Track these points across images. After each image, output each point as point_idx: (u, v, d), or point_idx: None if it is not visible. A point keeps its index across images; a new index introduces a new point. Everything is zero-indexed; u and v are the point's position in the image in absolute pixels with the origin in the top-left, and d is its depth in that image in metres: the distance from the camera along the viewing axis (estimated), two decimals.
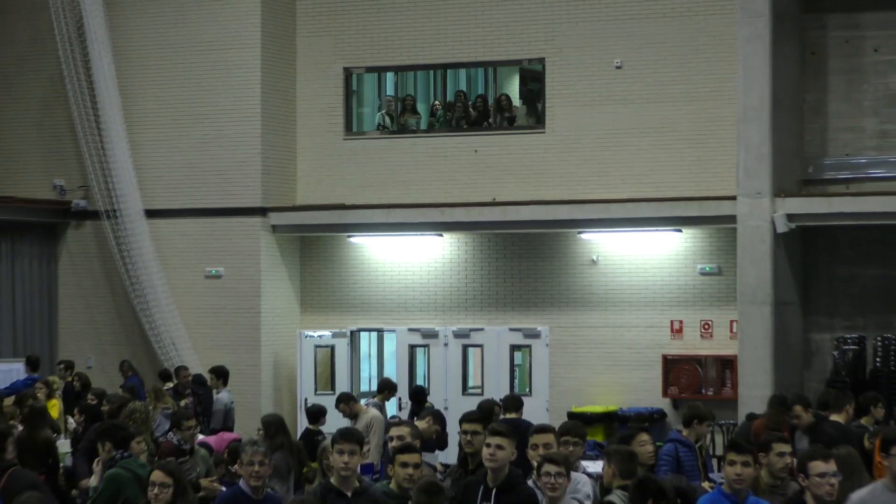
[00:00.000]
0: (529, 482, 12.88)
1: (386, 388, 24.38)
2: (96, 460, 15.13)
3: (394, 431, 14.95)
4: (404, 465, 12.66)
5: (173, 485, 12.74)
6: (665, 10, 29.09)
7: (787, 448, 11.90)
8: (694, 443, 17.53)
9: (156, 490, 12.72)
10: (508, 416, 19.70)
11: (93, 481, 15.39)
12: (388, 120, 31.87)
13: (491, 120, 31.24)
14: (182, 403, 24.86)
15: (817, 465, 11.29)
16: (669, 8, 29.07)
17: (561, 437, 14.50)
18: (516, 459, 13.72)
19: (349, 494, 12.20)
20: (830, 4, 28.72)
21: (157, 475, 12.83)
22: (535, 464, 12.98)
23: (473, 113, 31.31)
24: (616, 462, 12.77)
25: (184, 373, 26.83)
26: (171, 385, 26.75)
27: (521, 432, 16.60)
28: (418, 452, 13.54)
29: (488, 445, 12.75)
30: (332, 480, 12.69)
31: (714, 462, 20.99)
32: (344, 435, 12.43)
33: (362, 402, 24.44)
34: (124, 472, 14.29)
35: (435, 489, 11.51)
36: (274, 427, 18.48)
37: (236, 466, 14.65)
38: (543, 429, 14.68)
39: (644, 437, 14.89)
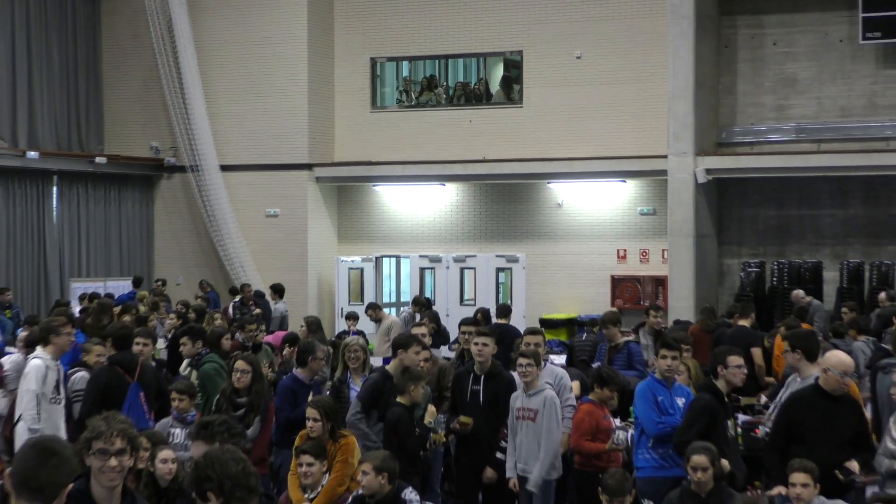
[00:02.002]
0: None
1: (417, 304, 24.11)
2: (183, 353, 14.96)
3: (415, 330, 15.00)
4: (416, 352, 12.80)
5: (252, 371, 12.60)
6: (613, 13, 28.84)
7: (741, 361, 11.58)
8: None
9: (238, 375, 12.67)
10: (500, 321, 19.57)
11: (184, 367, 15.33)
12: (404, 97, 31.64)
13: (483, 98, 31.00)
14: (255, 312, 24.68)
15: (734, 360, 11.11)
16: (616, 12, 28.81)
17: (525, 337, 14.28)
18: (505, 355, 13.65)
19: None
20: (740, 8, 28.49)
21: (240, 364, 12.90)
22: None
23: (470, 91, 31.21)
24: None
25: (247, 289, 26.85)
26: (238, 297, 26.73)
27: (510, 334, 16.50)
28: (427, 349, 13.56)
29: (476, 343, 12.62)
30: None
31: None
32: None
33: (386, 310, 24.68)
34: (211, 365, 14.16)
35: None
36: (314, 325, 18.89)
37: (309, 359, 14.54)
38: (534, 331, 14.49)
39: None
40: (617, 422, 12.16)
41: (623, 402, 13.34)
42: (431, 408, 11.78)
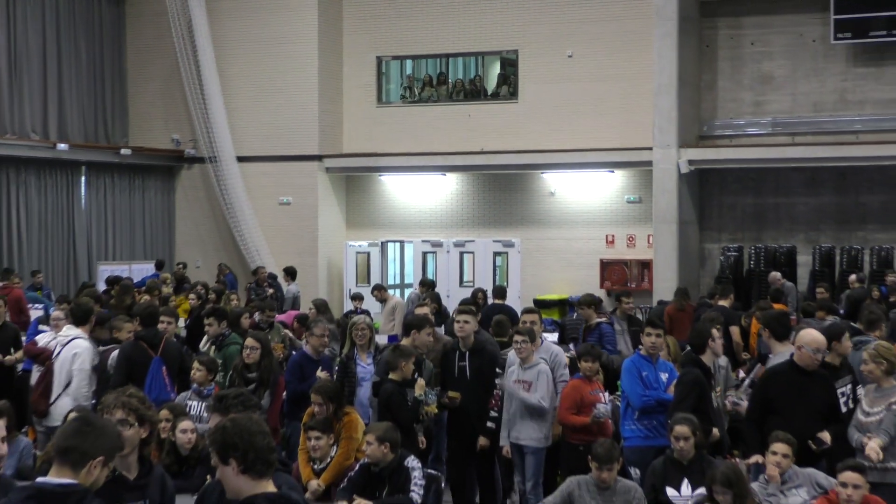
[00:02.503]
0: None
1: (424, 285, 24.03)
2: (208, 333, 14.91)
3: (419, 310, 15.12)
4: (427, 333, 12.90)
5: (261, 348, 12.59)
6: (602, 15, 28.77)
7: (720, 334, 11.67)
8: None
9: (248, 351, 12.73)
10: (497, 301, 19.58)
11: (204, 343, 15.35)
12: (407, 93, 31.59)
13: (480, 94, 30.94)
14: (270, 293, 24.79)
15: (714, 333, 11.18)
16: (605, 14, 28.74)
17: (522, 316, 14.31)
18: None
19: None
20: (720, 11, 28.44)
21: (249, 341, 12.91)
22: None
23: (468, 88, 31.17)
24: None
25: (262, 271, 26.72)
26: (253, 279, 26.70)
27: (507, 313, 16.50)
28: (433, 326, 13.57)
29: (457, 321, 12.79)
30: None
31: None
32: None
33: (391, 291, 24.80)
34: (235, 347, 14.12)
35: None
36: (322, 306, 18.74)
37: (306, 335, 14.51)
38: (530, 310, 14.67)
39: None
40: (606, 396, 12.08)
41: (609, 378, 13.41)
42: (420, 381, 11.74)
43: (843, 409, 10.66)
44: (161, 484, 6.17)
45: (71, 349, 12.93)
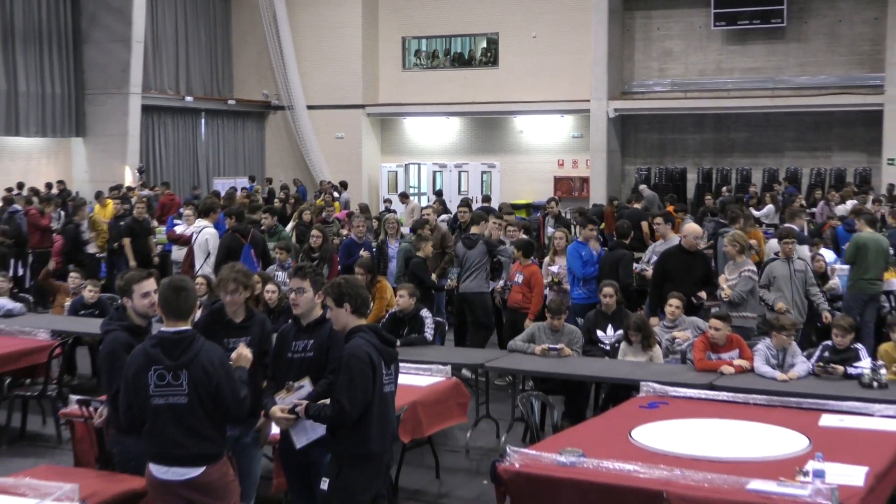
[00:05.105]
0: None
1: (437, 195, 23.98)
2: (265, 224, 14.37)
3: (425, 211, 14.89)
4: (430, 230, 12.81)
5: (322, 236, 12.58)
6: (557, 8, 28.30)
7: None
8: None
9: (313, 238, 12.71)
10: (484, 204, 19.49)
11: (290, 228, 15.43)
12: (422, 61, 31.01)
13: (472, 62, 30.49)
14: (334, 194, 24.51)
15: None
16: (559, 7, 28.28)
17: (504, 215, 14.16)
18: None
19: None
20: (637, 6, 27.87)
21: (314, 232, 12.85)
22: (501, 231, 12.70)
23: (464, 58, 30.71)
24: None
25: (325, 184, 26.30)
26: (318, 189, 26.55)
27: (489, 211, 16.29)
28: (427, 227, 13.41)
29: (461, 212, 12.50)
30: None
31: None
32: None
33: (411, 198, 24.66)
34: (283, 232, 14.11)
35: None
36: (364, 207, 18.56)
37: (347, 228, 14.52)
38: (510, 212, 14.91)
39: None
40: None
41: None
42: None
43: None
44: (261, 326, 6.20)
45: (203, 235, 12.85)
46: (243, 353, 5.63)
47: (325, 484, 5.36)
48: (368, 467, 5.34)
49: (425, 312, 9.82)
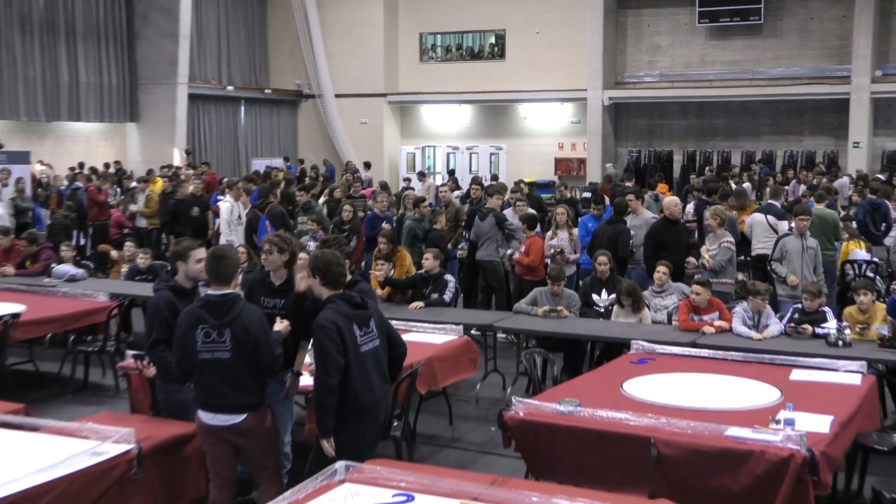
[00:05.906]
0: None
1: (451, 174, 23.90)
2: (299, 202, 14.09)
3: (441, 189, 14.83)
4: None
5: (353, 211, 12.54)
6: (557, 7, 28.02)
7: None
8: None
9: (344, 213, 12.65)
10: (493, 182, 19.35)
11: (322, 203, 15.30)
12: (438, 55, 30.73)
13: (483, 56, 30.28)
14: (357, 173, 24.38)
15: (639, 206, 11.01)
16: (558, 6, 27.99)
17: (512, 193, 14.12)
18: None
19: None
20: (629, 5, 27.58)
21: (346, 206, 12.85)
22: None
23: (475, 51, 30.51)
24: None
25: (350, 164, 26.21)
26: (345, 169, 26.46)
27: (501, 188, 16.01)
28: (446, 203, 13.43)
29: (473, 189, 12.39)
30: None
31: None
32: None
33: (428, 176, 24.55)
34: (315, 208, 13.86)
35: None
36: (384, 185, 18.24)
37: (371, 202, 14.47)
38: (514, 190, 14.91)
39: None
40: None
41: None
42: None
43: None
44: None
45: (220, 207, 13.01)
46: (281, 325, 5.67)
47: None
48: (363, 421, 5.30)
49: (450, 277, 9.83)
